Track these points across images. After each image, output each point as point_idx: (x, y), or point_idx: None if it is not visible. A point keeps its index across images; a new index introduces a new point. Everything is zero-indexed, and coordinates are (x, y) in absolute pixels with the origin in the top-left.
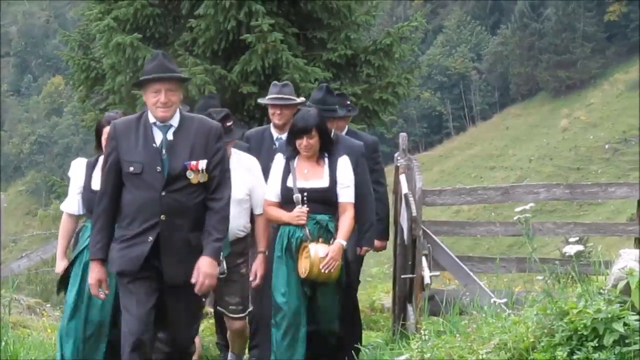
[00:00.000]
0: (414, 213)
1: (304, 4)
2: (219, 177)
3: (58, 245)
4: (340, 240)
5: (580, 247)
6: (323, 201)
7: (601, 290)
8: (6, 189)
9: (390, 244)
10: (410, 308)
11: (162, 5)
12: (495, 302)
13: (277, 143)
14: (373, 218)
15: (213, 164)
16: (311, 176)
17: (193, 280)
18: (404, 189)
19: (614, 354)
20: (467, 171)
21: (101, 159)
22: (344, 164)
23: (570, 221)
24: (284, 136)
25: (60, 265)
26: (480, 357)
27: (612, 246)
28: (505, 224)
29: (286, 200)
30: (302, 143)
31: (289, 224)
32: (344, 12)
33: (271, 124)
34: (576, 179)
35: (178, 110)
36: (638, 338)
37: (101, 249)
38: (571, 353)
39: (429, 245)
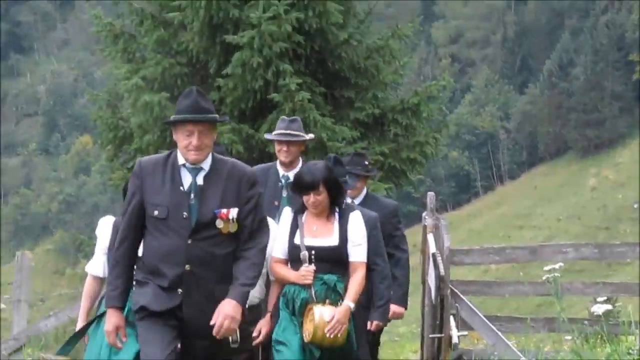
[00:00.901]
0: (442, 272)
1: (331, 64)
2: (250, 226)
3: (81, 307)
4: (348, 302)
5: (609, 307)
6: (332, 260)
7: (630, 351)
8: (34, 248)
9: (418, 303)
10: None
11: (190, 64)
12: None
13: (282, 181)
14: (389, 294)
15: (245, 213)
16: (320, 233)
17: (212, 322)
18: (432, 248)
19: None
20: (495, 230)
21: None
22: (356, 220)
23: (599, 281)
24: (291, 174)
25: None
26: None
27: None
28: (533, 283)
29: (293, 258)
30: (309, 200)
31: (294, 284)
32: (372, 71)
33: (277, 161)
34: (605, 239)
35: (211, 152)
36: None
37: (119, 296)
38: None
39: (457, 304)
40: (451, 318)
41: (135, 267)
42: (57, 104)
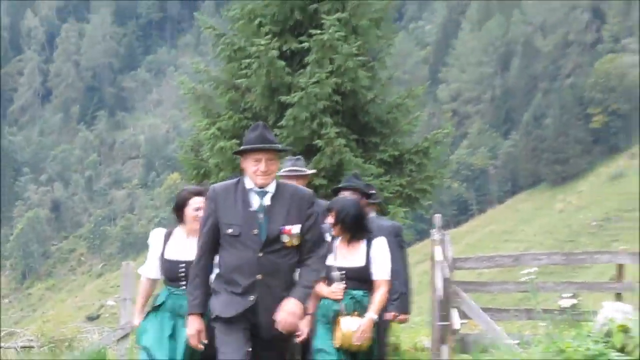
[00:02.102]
0: (447, 275)
1: (361, 117)
2: (311, 240)
3: (137, 304)
4: (371, 314)
5: (574, 301)
6: (359, 278)
7: (590, 334)
8: (136, 259)
9: (429, 299)
10: (444, 348)
11: (254, 118)
12: (509, 343)
13: None
14: (403, 289)
15: (306, 228)
16: (350, 255)
17: (276, 317)
18: (439, 257)
19: None
20: (487, 243)
21: (176, 230)
22: (380, 244)
23: (565, 281)
24: None
25: (137, 321)
26: None
27: (597, 300)
28: (516, 283)
29: (327, 276)
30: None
31: (327, 298)
32: (392, 122)
33: None
34: (570, 249)
35: (275, 177)
36: None
37: (200, 304)
38: None
39: (458, 299)
40: (454, 310)
41: (212, 279)
42: (153, 149)
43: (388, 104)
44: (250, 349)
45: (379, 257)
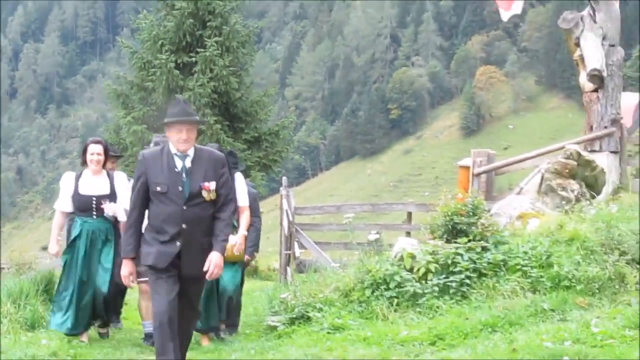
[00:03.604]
0: (291, 219)
1: (232, 109)
2: (224, 195)
3: (52, 234)
4: (243, 231)
5: (377, 236)
6: None
7: (388, 259)
8: None
9: (278, 235)
10: (288, 269)
11: (157, 110)
12: (333, 265)
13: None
14: (256, 243)
15: (220, 184)
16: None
17: (205, 269)
18: (285, 206)
19: (395, 293)
20: (319, 198)
21: (85, 172)
22: (240, 179)
23: (372, 223)
24: None
25: (54, 249)
26: (325, 294)
27: (394, 236)
28: (339, 224)
29: None
30: None
31: None
32: (253, 113)
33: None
34: (375, 201)
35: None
36: (409, 284)
37: (132, 250)
38: (373, 292)
39: (298, 236)
40: (295, 243)
41: (143, 229)
42: (87, 131)
43: (250, 101)
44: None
45: (240, 188)
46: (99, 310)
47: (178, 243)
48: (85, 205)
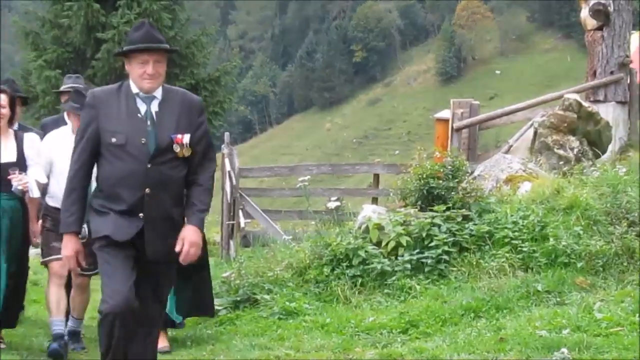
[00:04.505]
0: (234, 183)
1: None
2: (202, 151)
3: None
4: None
5: (338, 204)
6: None
7: (351, 230)
8: None
9: (220, 202)
10: (232, 243)
11: (74, 52)
12: (285, 238)
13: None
14: None
15: (197, 139)
16: None
17: (177, 249)
18: (228, 167)
19: (359, 271)
20: (268, 157)
21: None
22: None
23: (332, 187)
24: None
25: None
26: (275, 273)
27: (358, 203)
28: (292, 189)
29: None
30: None
31: None
32: (190, 56)
33: (65, 113)
34: (335, 161)
35: (162, 82)
36: (376, 260)
37: (76, 222)
38: (332, 270)
39: (243, 203)
40: (240, 211)
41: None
42: None
43: (186, 41)
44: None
45: None
46: None
47: (141, 214)
48: None
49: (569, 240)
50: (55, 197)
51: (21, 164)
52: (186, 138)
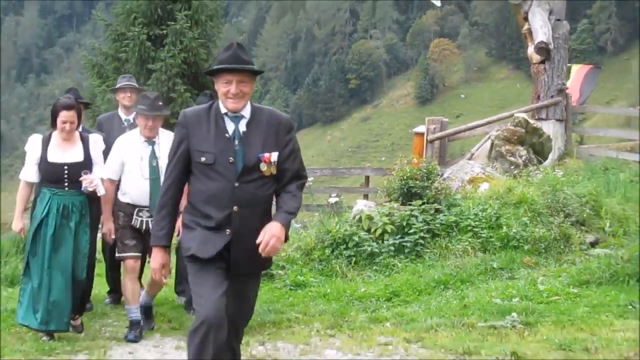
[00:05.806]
0: None
1: (200, 79)
2: (291, 169)
3: (16, 209)
4: None
5: (337, 199)
6: None
7: (347, 220)
8: None
9: None
10: None
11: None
12: (295, 227)
13: (125, 123)
14: None
15: (284, 156)
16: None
17: (258, 241)
18: None
19: (354, 252)
20: None
21: (54, 135)
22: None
23: (332, 186)
24: (131, 117)
25: (18, 225)
26: (287, 253)
27: (352, 199)
28: None
29: None
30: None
31: None
32: None
33: (119, 109)
34: (335, 166)
35: (249, 101)
36: (367, 243)
37: (165, 236)
38: (332, 251)
39: None
40: None
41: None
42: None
43: None
44: (226, 288)
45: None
46: (75, 300)
47: (228, 231)
48: (55, 175)
49: (518, 228)
50: (128, 194)
51: (87, 163)
52: (274, 156)
